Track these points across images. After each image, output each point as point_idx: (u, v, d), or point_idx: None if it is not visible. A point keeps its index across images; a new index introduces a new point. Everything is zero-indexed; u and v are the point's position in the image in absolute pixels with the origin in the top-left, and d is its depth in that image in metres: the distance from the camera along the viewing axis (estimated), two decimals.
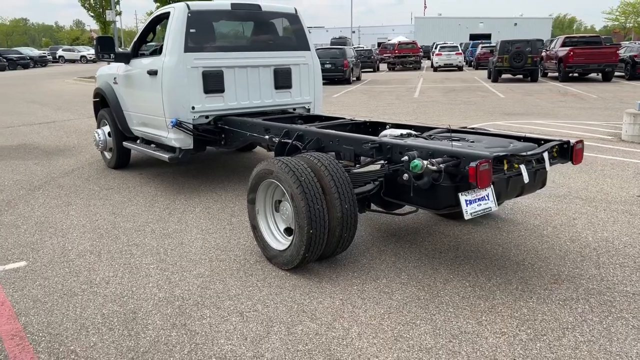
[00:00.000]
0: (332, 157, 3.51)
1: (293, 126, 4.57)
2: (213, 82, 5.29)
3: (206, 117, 5.39)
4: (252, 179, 3.75)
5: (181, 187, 5.87)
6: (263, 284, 3.42)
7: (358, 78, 24.51)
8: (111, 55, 5.89)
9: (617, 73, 20.98)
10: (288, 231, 3.68)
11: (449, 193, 3.17)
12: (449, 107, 13.08)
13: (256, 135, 4.96)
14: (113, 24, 33.10)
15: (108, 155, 6.91)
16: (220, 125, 5.41)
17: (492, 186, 3.11)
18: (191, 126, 5.26)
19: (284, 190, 3.42)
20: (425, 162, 3.06)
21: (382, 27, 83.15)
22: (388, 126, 4.62)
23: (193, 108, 5.24)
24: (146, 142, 6.11)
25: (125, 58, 6.02)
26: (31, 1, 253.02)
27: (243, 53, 5.56)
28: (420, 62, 34.65)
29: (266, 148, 5.78)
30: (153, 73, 5.34)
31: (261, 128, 4.89)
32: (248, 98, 5.60)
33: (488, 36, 57.85)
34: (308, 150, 4.17)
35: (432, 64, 32.36)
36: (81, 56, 51.04)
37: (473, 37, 56.53)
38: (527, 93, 16.32)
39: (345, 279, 3.46)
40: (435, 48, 33.72)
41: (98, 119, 6.99)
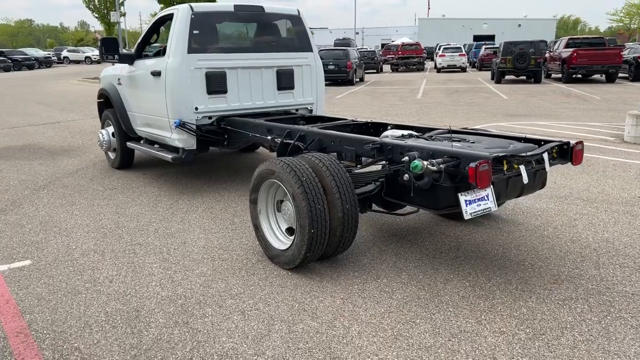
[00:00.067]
0: (334, 158, 3.54)
1: (295, 127, 4.60)
2: (216, 83, 5.33)
3: (209, 118, 5.42)
4: (254, 179, 3.78)
5: (184, 187, 5.91)
6: (265, 283, 3.45)
7: (361, 79, 24.54)
8: (115, 56, 5.95)
9: (621, 74, 20.95)
10: (290, 231, 3.71)
11: (449, 193, 3.19)
12: (452, 108, 13.09)
13: (258, 135, 5.00)
14: (117, 25, 33.24)
15: (112, 155, 6.96)
16: (223, 125, 5.45)
17: (492, 186, 3.13)
18: (194, 127, 5.30)
19: (286, 190, 3.45)
20: (425, 163, 3.09)
21: (386, 28, 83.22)
22: (389, 127, 4.65)
23: (196, 109, 5.28)
24: (150, 143, 6.15)
25: (129, 59, 6.06)
26: (36, 2, 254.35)
27: (246, 54, 5.60)
28: (423, 63, 34.69)
29: (269, 149, 5.81)
30: (157, 74, 5.39)
31: (263, 129, 4.92)
32: (251, 99, 5.64)
33: (492, 37, 57.78)
34: (310, 150, 4.20)
35: (436, 65, 32.40)
36: (86, 57, 51.25)
37: (477, 38, 56.47)
38: (531, 94, 16.31)
39: (346, 279, 3.49)
40: (438, 49, 33.73)
41: (102, 120, 7.04)
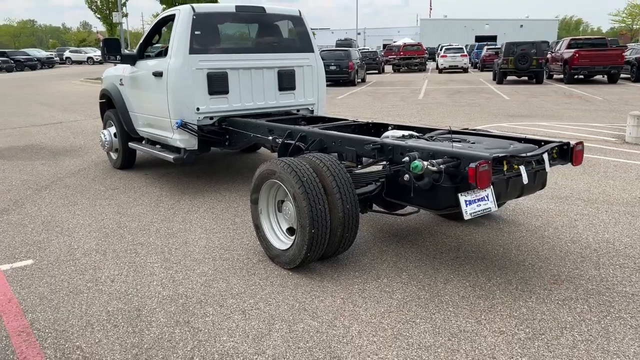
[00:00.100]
0: (334, 158, 3.55)
1: (296, 127, 4.62)
2: (217, 84, 5.35)
3: (211, 118, 5.44)
4: (255, 180, 3.80)
5: (186, 188, 5.93)
6: (265, 283, 3.46)
7: (363, 80, 24.54)
8: (117, 57, 5.97)
9: (623, 75, 20.92)
10: (290, 231, 3.72)
11: (450, 193, 3.20)
12: (454, 109, 13.09)
13: (260, 136, 5.02)
14: (119, 26, 33.32)
15: (114, 155, 6.98)
16: (224, 126, 5.47)
17: (492, 187, 3.14)
18: (196, 127, 5.32)
19: (287, 190, 3.46)
20: (425, 163, 3.10)
21: (388, 29, 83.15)
22: (390, 127, 4.66)
23: (198, 109, 5.30)
24: (151, 143, 6.17)
25: (131, 60, 6.08)
26: (38, 3, 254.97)
27: (247, 55, 5.62)
28: (425, 64, 34.70)
29: (270, 149, 5.83)
30: (158, 74, 5.41)
31: (265, 129, 4.94)
32: (252, 99, 5.66)
33: (494, 38, 57.75)
34: (311, 151, 4.21)
35: (437, 66, 32.40)
36: (88, 57, 51.37)
37: (479, 39, 56.42)
38: (532, 95, 16.31)
39: (346, 278, 3.50)
40: (440, 50, 33.73)
41: (104, 120, 7.07)
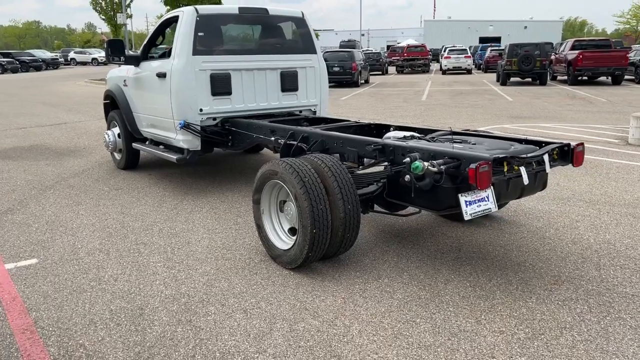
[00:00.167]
0: (336, 159, 3.57)
1: (298, 128, 4.64)
2: (220, 85, 5.38)
3: (213, 119, 5.48)
4: (257, 180, 3.83)
5: (189, 188, 5.97)
6: (267, 282, 3.49)
7: (366, 81, 24.58)
8: (121, 58, 6.01)
9: (627, 76, 20.87)
10: (292, 231, 3.75)
11: (450, 194, 3.22)
12: (457, 110, 13.10)
13: (262, 137, 5.05)
14: (124, 27, 33.45)
15: (118, 156, 7.02)
16: (227, 127, 5.50)
17: (492, 187, 3.16)
18: (199, 128, 5.35)
19: (288, 190, 3.49)
20: (426, 164, 3.12)
21: (392, 30, 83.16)
22: (392, 128, 4.68)
23: (201, 110, 5.33)
24: (155, 144, 6.21)
25: (135, 61, 6.12)
26: (44, 4, 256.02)
27: (250, 56, 5.65)
28: (429, 65, 34.69)
29: (272, 150, 5.85)
30: (162, 75, 5.44)
31: (267, 130, 4.97)
32: (255, 100, 5.69)
33: (498, 39, 57.71)
34: (313, 151, 4.23)
35: (441, 67, 32.38)
36: (92, 58, 51.61)
37: (483, 40, 56.38)
38: (536, 96, 16.30)
39: (347, 278, 3.52)
40: (444, 51, 33.72)
41: (108, 121, 7.11)
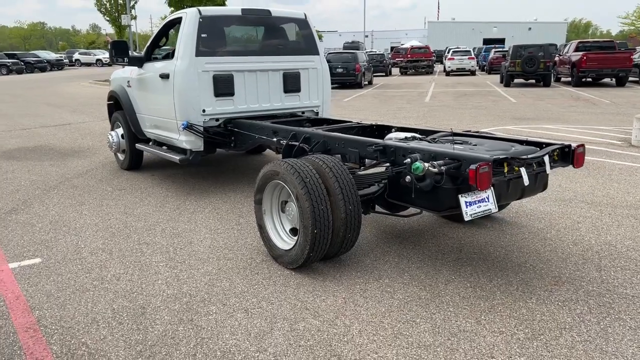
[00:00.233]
0: (337, 160, 3.59)
1: (300, 129, 4.66)
2: (223, 86, 5.41)
3: (216, 120, 5.50)
4: (259, 180, 3.85)
5: (191, 188, 5.99)
6: (268, 282, 3.51)
7: (370, 82, 24.59)
8: (125, 59, 6.04)
9: (631, 78, 20.80)
10: (293, 231, 3.77)
11: (451, 195, 3.22)
12: (460, 112, 13.10)
13: (265, 137, 5.07)
14: (128, 28, 33.59)
15: (121, 156, 7.06)
16: (230, 127, 5.53)
17: (492, 188, 3.17)
18: (202, 128, 5.38)
19: (290, 191, 3.51)
20: (426, 165, 3.13)
21: (396, 32, 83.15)
22: (393, 129, 4.69)
23: (204, 111, 5.36)
24: (158, 144, 6.24)
25: (138, 62, 6.16)
26: (49, 5, 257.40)
27: (253, 57, 5.67)
28: (432, 67, 34.67)
29: (275, 150, 5.87)
30: (165, 76, 5.47)
31: (269, 131, 4.99)
32: (257, 101, 5.71)
33: (502, 41, 57.64)
34: (314, 152, 4.25)
35: (445, 69, 32.37)
36: (97, 59, 51.81)
37: (487, 42, 56.37)
38: (539, 98, 16.27)
39: (348, 278, 3.54)
40: (447, 52, 33.71)
41: (112, 122, 7.15)
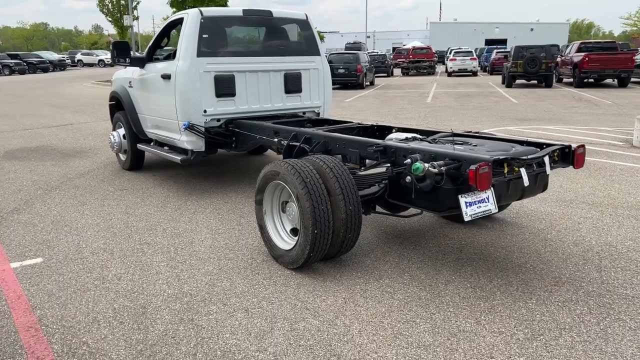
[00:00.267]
0: (338, 160, 3.59)
1: (301, 129, 4.67)
2: (225, 86, 5.42)
3: (217, 120, 5.51)
4: (260, 181, 3.86)
5: (193, 189, 6.01)
6: (269, 282, 3.52)
7: (371, 83, 24.60)
8: (127, 59, 6.06)
9: (633, 79, 20.77)
10: (294, 232, 3.77)
11: (451, 195, 3.23)
12: (461, 112, 13.10)
13: (266, 138, 5.09)
14: (130, 29, 33.65)
15: (123, 157, 7.08)
16: (231, 128, 5.54)
17: (492, 189, 3.17)
18: (203, 129, 5.39)
19: (290, 191, 3.52)
20: (426, 165, 3.14)
21: (397, 32, 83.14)
22: (394, 130, 4.70)
23: (205, 111, 5.37)
24: (160, 145, 6.26)
25: (140, 62, 6.18)
26: (51, 6, 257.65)
27: (254, 58, 5.69)
28: (434, 67, 34.65)
29: (276, 151, 5.88)
30: (167, 77, 5.49)
31: (270, 131, 5.00)
32: (259, 102, 5.72)
33: (504, 41, 57.62)
34: (315, 153, 4.26)
35: (447, 69, 32.36)
36: (99, 60, 51.92)
37: (489, 43, 56.34)
38: (541, 99, 16.26)
39: (348, 279, 3.55)
40: (449, 53, 33.71)
41: (113, 122, 7.17)
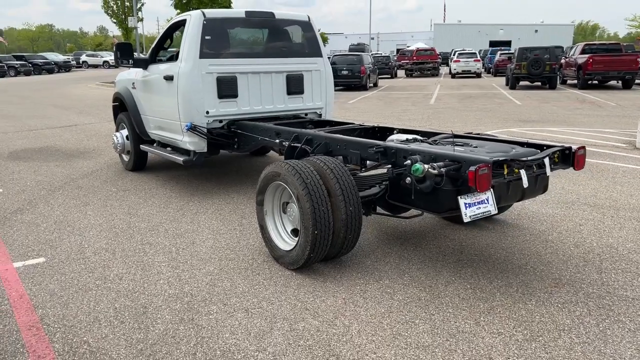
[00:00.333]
0: (339, 161, 3.61)
1: (302, 130, 4.69)
2: (227, 88, 5.45)
3: (220, 122, 5.54)
4: (261, 181, 3.87)
5: (195, 190, 6.03)
6: (269, 283, 3.53)
7: (375, 84, 24.60)
8: (130, 61, 6.09)
9: (638, 81, 20.71)
10: (295, 232, 3.79)
11: (451, 196, 3.23)
12: (465, 114, 13.09)
13: (267, 139, 5.10)
14: (135, 30, 33.79)
15: (126, 157, 7.11)
16: (233, 129, 5.56)
17: (492, 190, 3.18)
18: (205, 130, 5.41)
19: (291, 192, 3.53)
20: (426, 166, 3.15)
21: (402, 34, 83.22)
22: (395, 131, 4.71)
23: (207, 112, 5.39)
24: (162, 146, 6.29)
25: (143, 64, 6.20)
26: (56, 8, 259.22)
27: (256, 59, 5.71)
28: (438, 69, 34.66)
29: (278, 152, 5.90)
30: (169, 78, 5.52)
31: (272, 132, 5.02)
32: (261, 103, 5.74)
33: (508, 43, 57.51)
34: (316, 154, 4.28)
35: (450, 71, 32.34)
36: (104, 61, 52.16)
37: (493, 44, 56.27)
38: (544, 100, 16.23)
39: (349, 279, 3.56)
40: (453, 55, 33.69)
41: (117, 123, 7.20)
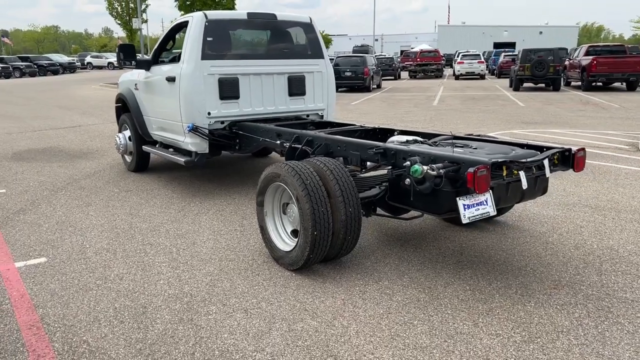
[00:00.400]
0: (339, 162, 3.62)
1: (303, 132, 4.70)
2: (228, 89, 5.46)
3: (221, 123, 5.56)
4: (261, 182, 3.89)
5: (196, 190, 6.05)
6: (269, 283, 3.54)
7: (378, 86, 24.60)
8: (132, 62, 6.12)
9: None
10: (294, 233, 3.80)
11: (450, 198, 3.24)
12: (468, 115, 13.08)
13: (269, 140, 5.12)
14: (139, 32, 33.92)
15: (128, 158, 7.14)
16: (235, 130, 5.58)
17: (491, 191, 3.18)
18: (207, 131, 5.43)
19: (291, 193, 3.54)
20: (425, 168, 3.16)
21: (406, 35, 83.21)
22: (396, 133, 4.72)
23: (209, 114, 5.41)
24: (164, 147, 6.31)
25: (145, 65, 6.23)
26: (62, 9, 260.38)
27: (258, 61, 5.73)
28: (442, 70, 34.62)
29: (279, 153, 5.92)
30: (171, 80, 5.54)
31: (273, 133, 5.04)
32: (262, 104, 5.76)
33: (512, 44, 57.38)
34: (317, 155, 4.29)
35: (454, 72, 32.31)
36: (108, 63, 52.35)
37: (497, 46, 56.14)
38: (548, 102, 16.19)
39: (348, 280, 3.56)
40: (457, 56, 33.66)
41: (119, 124, 7.23)
